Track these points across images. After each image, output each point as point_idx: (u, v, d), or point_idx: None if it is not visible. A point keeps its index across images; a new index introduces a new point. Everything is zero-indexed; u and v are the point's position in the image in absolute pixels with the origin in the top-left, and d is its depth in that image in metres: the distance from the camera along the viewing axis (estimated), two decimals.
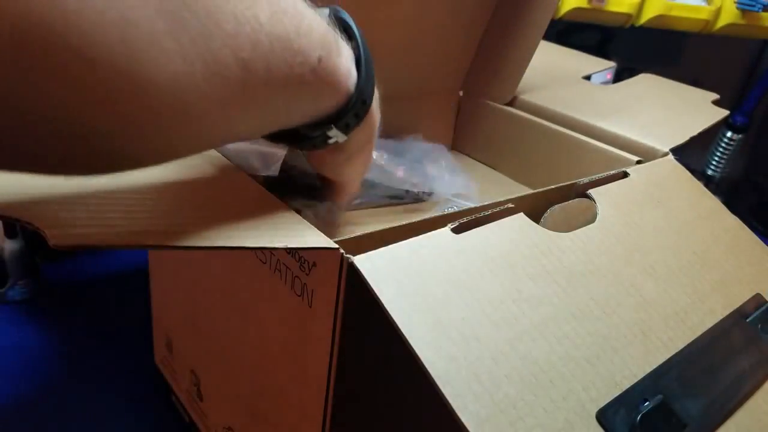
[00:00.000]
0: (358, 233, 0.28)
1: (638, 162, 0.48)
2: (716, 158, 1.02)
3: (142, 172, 0.27)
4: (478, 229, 0.30)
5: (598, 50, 0.79)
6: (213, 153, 0.34)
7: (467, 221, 0.30)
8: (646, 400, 0.27)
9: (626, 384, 0.27)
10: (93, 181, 0.25)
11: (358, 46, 0.30)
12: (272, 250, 0.31)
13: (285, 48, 0.24)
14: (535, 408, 0.25)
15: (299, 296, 0.30)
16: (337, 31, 0.29)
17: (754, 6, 0.91)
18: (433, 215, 0.31)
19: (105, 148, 0.20)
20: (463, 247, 0.29)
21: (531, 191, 0.38)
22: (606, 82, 0.73)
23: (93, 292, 0.62)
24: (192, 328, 0.44)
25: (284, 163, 0.38)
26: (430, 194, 0.52)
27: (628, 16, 0.88)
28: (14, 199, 0.23)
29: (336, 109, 0.29)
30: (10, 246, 0.57)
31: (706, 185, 0.45)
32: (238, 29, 0.21)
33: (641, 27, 0.91)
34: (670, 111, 0.58)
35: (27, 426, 0.47)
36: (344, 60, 0.28)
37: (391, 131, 0.59)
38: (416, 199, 0.52)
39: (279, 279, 0.31)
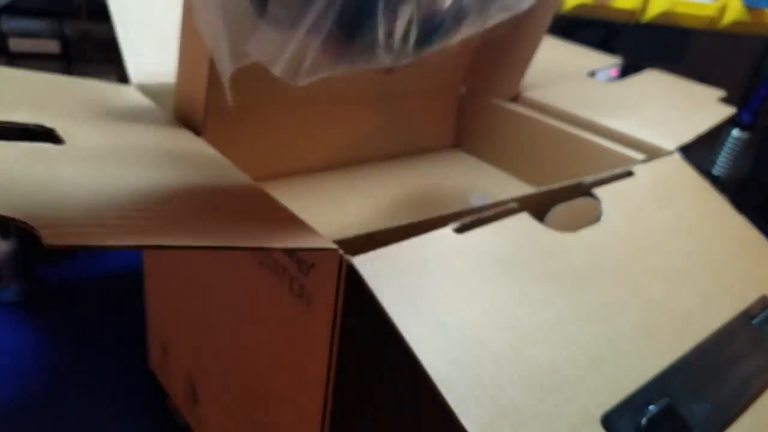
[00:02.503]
0: (358, 233, 0.27)
1: (644, 160, 0.48)
2: (723, 157, 1.01)
3: (137, 171, 0.27)
4: (480, 229, 0.30)
5: (603, 46, 0.79)
6: (211, 152, 0.34)
7: (470, 221, 0.30)
8: (651, 404, 0.27)
9: (632, 387, 0.27)
10: (87, 180, 0.25)
11: None
12: (270, 251, 0.31)
13: None
14: (539, 412, 0.24)
15: (298, 298, 0.29)
16: None
17: (760, 3, 0.90)
18: (434, 215, 0.30)
19: None
20: (465, 247, 0.29)
21: (535, 190, 0.38)
22: (611, 79, 0.73)
23: (87, 293, 0.62)
24: (188, 331, 0.43)
25: None
26: None
27: (634, 12, 0.88)
28: (7, 199, 0.22)
29: None
30: (3, 246, 0.57)
31: (713, 184, 0.44)
32: None
33: (647, 23, 0.90)
34: (676, 108, 0.57)
35: (21, 429, 0.46)
36: None
37: (391, 129, 0.59)
38: None
39: (277, 280, 0.31)
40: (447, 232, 0.29)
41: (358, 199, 0.50)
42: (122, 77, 0.42)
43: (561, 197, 0.38)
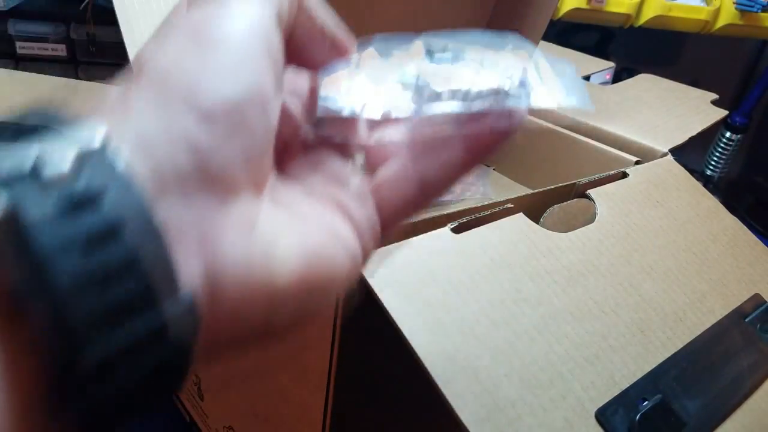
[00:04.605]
0: None
1: (637, 162, 0.48)
2: (715, 158, 1.02)
3: None
4: (477, 229, 0.31)
5: (597, 50, 0.79)
6: None
7: (467, 221, 0.30)
8: (645, 400, 0.27)
9: (625, 383, 0.27)
10: None
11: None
12: None
13: None
14: (535, 407, 0.25)
15: None
16: None
17: (752, 6, 0.91)
18: (434, 214, 0.31)
19: None
20: (462, 247, 0.29)
21: (530, 191, 0.38)
22: (605, 83, 0.73)
23: None
24: None
25: None
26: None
27: (628, 16, 0.88)
28: None
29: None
30: None
31: (705, 185, 0.45)
32: None
33: (640, 27, 0.91)
34: (669, 111, 0.58)
35: None
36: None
37: None
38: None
39: None
40: (445, 231, 0.29)
41: None
42: None
43: (556, 198, 0.38)
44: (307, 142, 0.18)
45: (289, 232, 0.15)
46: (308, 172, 0.18)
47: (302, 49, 0.17)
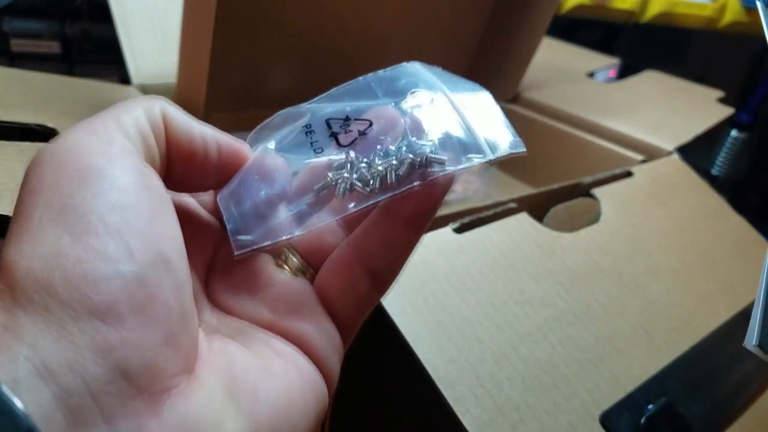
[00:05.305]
0: None
1: (642, 161, 0.48)
2: (721, 157, 1.01)
3: None
4: (480, 228, 0.30)
5: (602, 47, 0.79)
6: None
7: (469, 221, 0.30)
8: (650, 403, 0.27)
9: (630, 386, 0.27)
10: None
11: None
12: None
13: None
14: (538, 411, 0.24)
15: None
16: None
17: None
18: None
19: None
20: (464, 247, 0.29)
21: (534, 190, 0.38)
22: (610, 79, 0.73)
23: None
24: None
25: None
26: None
27: (633, 12, 0.88)
28: (10, 198, 0.22)
29: None
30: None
31: (711, 184, 0.44)
32: None
33: (646, 24, 0.90)
34: (675, 109, 0.57)
35: None
36: None
37: None
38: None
39: None
40: (447, 231, 0.29)
41: None
42: (123, 78, 0.42)
43: (560, 197, 0.38)
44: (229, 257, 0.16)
45: (237, 410, 0.13)
46: (247, 300, 0.16)
47: (189, 174, 0.15)
